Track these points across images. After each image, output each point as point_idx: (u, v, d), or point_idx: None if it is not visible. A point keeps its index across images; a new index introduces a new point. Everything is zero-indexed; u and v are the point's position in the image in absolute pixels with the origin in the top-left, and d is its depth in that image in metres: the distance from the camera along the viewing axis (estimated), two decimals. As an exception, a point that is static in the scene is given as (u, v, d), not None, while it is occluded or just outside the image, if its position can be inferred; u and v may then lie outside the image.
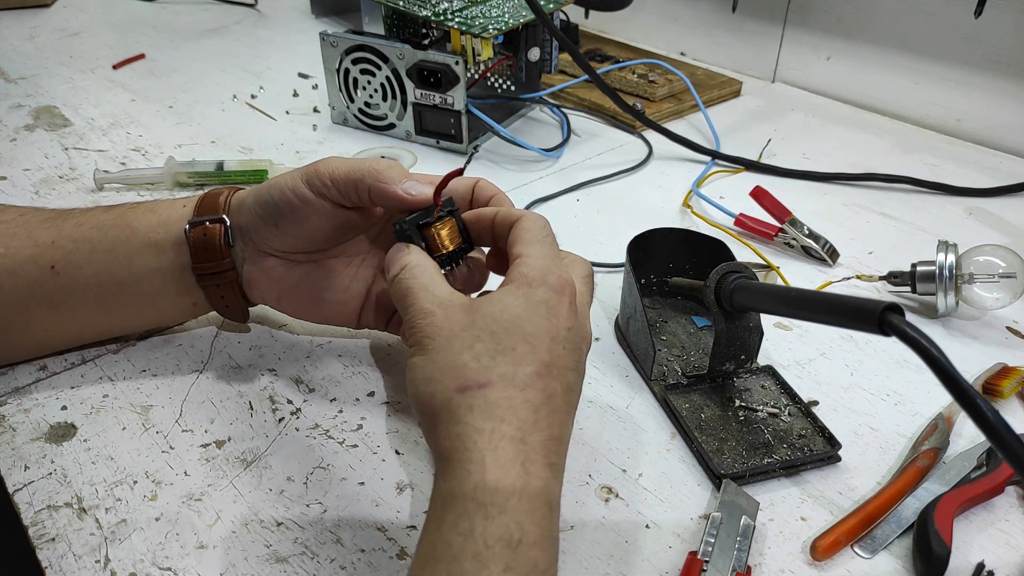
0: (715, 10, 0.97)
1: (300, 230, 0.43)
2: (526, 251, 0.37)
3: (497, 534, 0.29)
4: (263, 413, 0.45)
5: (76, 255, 0.44)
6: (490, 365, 0.33)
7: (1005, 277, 0.51)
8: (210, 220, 0.44)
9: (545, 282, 0.35)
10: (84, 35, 1.07)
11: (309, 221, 0.42)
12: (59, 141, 0.77)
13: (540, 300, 0.34)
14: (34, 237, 0.45)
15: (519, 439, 0.32)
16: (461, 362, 0.33)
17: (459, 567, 0.29)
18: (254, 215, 0.44)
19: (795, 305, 0.39)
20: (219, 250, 0.44)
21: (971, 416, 0.29)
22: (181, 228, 0.44)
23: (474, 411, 0.32)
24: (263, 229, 0.44)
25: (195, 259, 0.44)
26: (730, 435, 0.43)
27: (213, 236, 0.44)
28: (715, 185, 0.72)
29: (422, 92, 0.72)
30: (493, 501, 0.30)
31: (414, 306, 0.36)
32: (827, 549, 0.37)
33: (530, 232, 0.38)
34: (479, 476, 0.30)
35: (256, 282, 0.46)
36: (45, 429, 0.44)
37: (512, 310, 0.34)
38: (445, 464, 0.32)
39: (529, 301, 0.34)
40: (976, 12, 0.75)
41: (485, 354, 0.33)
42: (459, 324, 0.34)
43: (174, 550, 0.37)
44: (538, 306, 0.34)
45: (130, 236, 0.45)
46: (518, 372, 0.33)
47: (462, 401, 0.32)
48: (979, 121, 0.80)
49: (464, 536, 0.29)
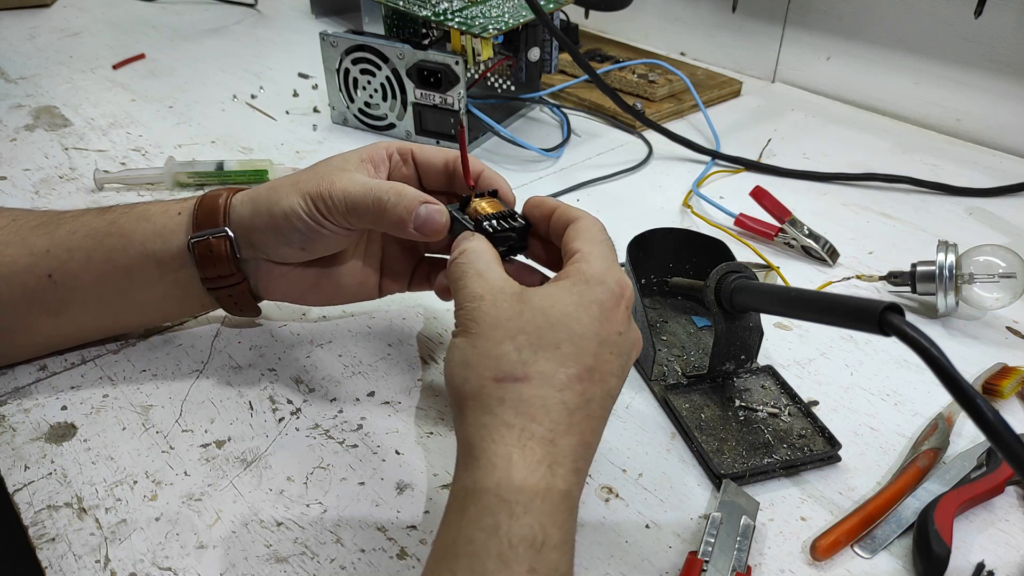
0: (715, 10, 0.97)
1: (327, 248, 0.43)
2: (586, 248, 0.36)
3: (521, 534, 0.29)
4: (263, 413, 0.45)
5: (72, 264, 0.43)
6: (530, 359, 0.32)
7: (1005, 277, 0.51)
8: (213, 235, 0.43)
9: (603, 281, 0.34)
10: (84, 35, 1.07)
11: (333, 242, 0.43)
12: (59, 141, 0.77)
13: (594, 299, 0.34)
14: (28, 245, 0.44)
15: (549, 440, 0.31)
16: (501, 351, 0.32)
17: (481, 564, 0.28)
18: (270, 239, 0.42)
19: (795, 305, 0.39)
20: (227, 263, 0.43)
21: (971, 416, 0.29)
22: (179, 241, 0.43)
23: (505, 404, 0.31)
24: (281, 250, 0.43)
25: (203, 271, 0.43)
26: (730, 435, 0.43)
27: (219, 250, 0.43)
28: (715, 185, 0.72)
29: (422, 92, 0.72)
30: (518, 500, 0.29)
31: (465, 289, 0.35)
32: (827, 549, 0.37)
33: (590, 231, 0.37)
34: (504, 472, 0.30)
35: (274, 288, 0.45)
36: (45, 429, 0.44)
37: (562, 306, 0.33)
38: (468, 454, 0.31)
39: (582, 299, 0.33)
40: (976, 12, 0.75)
41: (527, 347, 0.32)
42: (506, 312, 0.33)
43: (174, 550, 0.37)
44: (591, 305, 0.33)
45: (126, 245, 0.43)
46: (558, 372, 0.32)
47: (494, 391, 0.32)
48: (979, 121, 0.80)
49: (487, 533, 0.29)
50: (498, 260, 0.37)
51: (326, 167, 0.42)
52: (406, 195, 0.40)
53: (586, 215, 0.38)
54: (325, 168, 0.42)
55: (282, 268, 0.44)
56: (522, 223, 0.41)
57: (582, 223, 0.38)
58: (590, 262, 0.35)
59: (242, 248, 0.43)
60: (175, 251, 0.43)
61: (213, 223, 0.43)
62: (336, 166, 0.42)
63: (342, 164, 0.42)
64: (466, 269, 0.36)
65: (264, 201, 0.42)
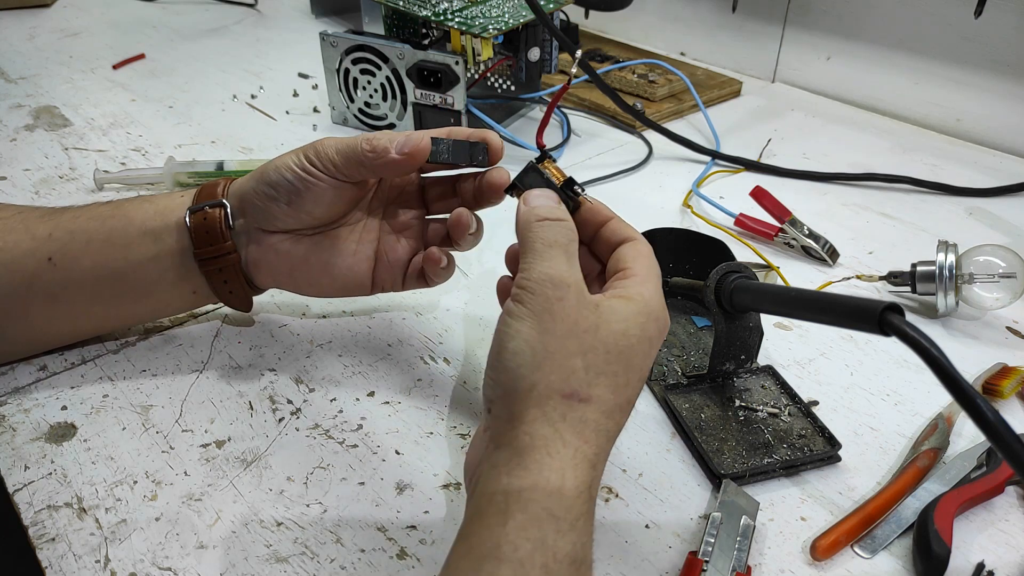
0: (715, 10, 0.97)
1: (315, 207, 0.43)
2: (644, 275, 0.36)
3: (566, 550, 0.29)
4: (263, 413, 0.45)
5: (73, 246, 0.44)
6: (594, 382, 0.32)
7: (1005, 277, 0.51)
8: (209, 205, 0.44)
9: (659, 319, 0.35)
10: (84, 35, 1.07)
11: (321, 197, 0.43)
12: (59, 141, 0.77)
13: (649, 336, 0.34)
14: (31, 231, 0.45)
15: (593, 464, 0.32)
16: (572, 366, 0.32)
17: (525, 574, 0.28)
18: (261, 195, 0.44)
19: (795, 305, 0.39)
20: (220, 233, 0.44)
21: (971, 416, 0.29)
22: (179, 215, 0.45)
23: (567, 421, 0.32)
24: (271, 208, 0.43)
25: (196, 244, 0.44)
26: (730, 435, 0.43)
27: (214, 220, 0.44)
28: (715, 185, 0.72)
29: (422, 92, 0.72)
30: (566, 517, 0.30)
31: (552, 265, 0.33)
32: (827, 549, 0.37)
33: (649, 259, 0.37)
34: (557, 488, 0.30)
35: (264, 262, 0.45)
36: (45, 429, 0.44)
37: (631, 337, 0.34)
38: (517, 459, 0.31)
39: (643, 333, 0.34)
40: (976, 12, 0.75)
41: (594, 368, 0.33)
42: (585, 321, 0.33)
43: (174, 550, 0.37)
44: (645, 341, 0.34)
45: (127, 225, 0.45)
46: (610, 399, 0.33)
47: (559, 406, 0.32)
48: (979, 121, 0.80)
49: (533, 544, 0.29)
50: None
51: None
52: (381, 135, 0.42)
53: (640, 236, 0.38)
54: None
55: (273, 239, 0.45)
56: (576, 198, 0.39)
57: (640, 247, 0.38)
58: (651, 291, 0.35)
59: (235, 218, 0.45)
60: (172, 225, 0.45)
61: (212, 199, 0.45)
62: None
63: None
64: (559, 239, 0.34)
65: (269, 168, 0.44)
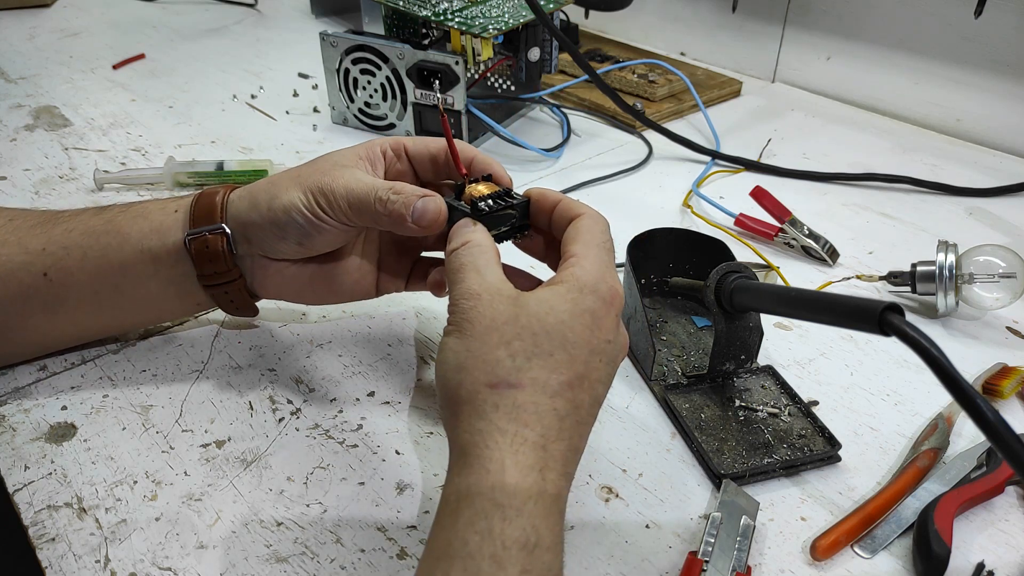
0: (715, 10, 0.97)
1: (325, 245, 0.43)
2: (582, 253, 0.36)
3: (514, 536, 0.29)
4: (263, 413, 0.45)
5: (67, 262, 0.43)
6: (524, 367, 0.32)
7: (1005, 277, 0.51)
8: (209, 231, 0.43)
9: (596, 290, 0.34)
10: (84, 35, 1.07)
11: (333, 238, 0.42)
12: (59, 141, 0.77)
13: (587, 308, 0.34)
14: (24, 244, 0.44)
15: (540, 446, 0.31)
16: (496, 357, 0.33)
17: (476, 565, 0.29)
18: (270, 235, 0.42)
19: (795, 305, 0.39)
20: (223, 260, 0.43)
21: (971, 416, 0.29)
22: (176, 237, 0.43)
23: (500, 410, 0.32)
24: (279, 245, 0.43)
25: (199, 268, 0.43)
26: (730, 435, 0.43)
27: (216, 246, 0.43)
28: (715, 185, 0.72)
29: (422, 92, 0.72)
30: (511, 503, 0.30)
31: (463, 284, 0.35)
32: (827, 549, 0.37)
33: (590, 233, 0.37)
34: (498, 477, 0.30)
35: (270, 283, 0.45)
36: (45, 429, 0.44)
37: (557, 315, 0.33)
38: (462, 458, 0.32)
39: (576, 308, 0.34)
40: (976, 12, 0.75)
41: (521, 354, 0.33)
42: (502, 316, 0.33)
43: (174, 550, 0.37)
44: (583, 314, 0.34)
45: (122, 243, 0.43)
46: (550, 379, 0.32)
47: (489, 397, 0.32)
48: (979, 121, 0.80)
49: (481, 535, 0.29)
50: (498, 259, 0.37)
51: (325, 163, 0.42)
52: (404, 191, 0.40)
53: (589, 211, 0.38)
54: (325, 164, 0.42)
55: (278, 265, 0.44)
56: (521, 199, 0.40)
57: (583, 222, 0.38)
58: (585, 268, 0.35)
59: (238, 244, 0.43)
60: (171, 247, 0.43)
61: (210, 219, 0.43)
62: (336, 162, 0.42)
63: (341, 161, 0.42)
64: (464, 262, 0.36)
65: (263, 196, 0.42)
